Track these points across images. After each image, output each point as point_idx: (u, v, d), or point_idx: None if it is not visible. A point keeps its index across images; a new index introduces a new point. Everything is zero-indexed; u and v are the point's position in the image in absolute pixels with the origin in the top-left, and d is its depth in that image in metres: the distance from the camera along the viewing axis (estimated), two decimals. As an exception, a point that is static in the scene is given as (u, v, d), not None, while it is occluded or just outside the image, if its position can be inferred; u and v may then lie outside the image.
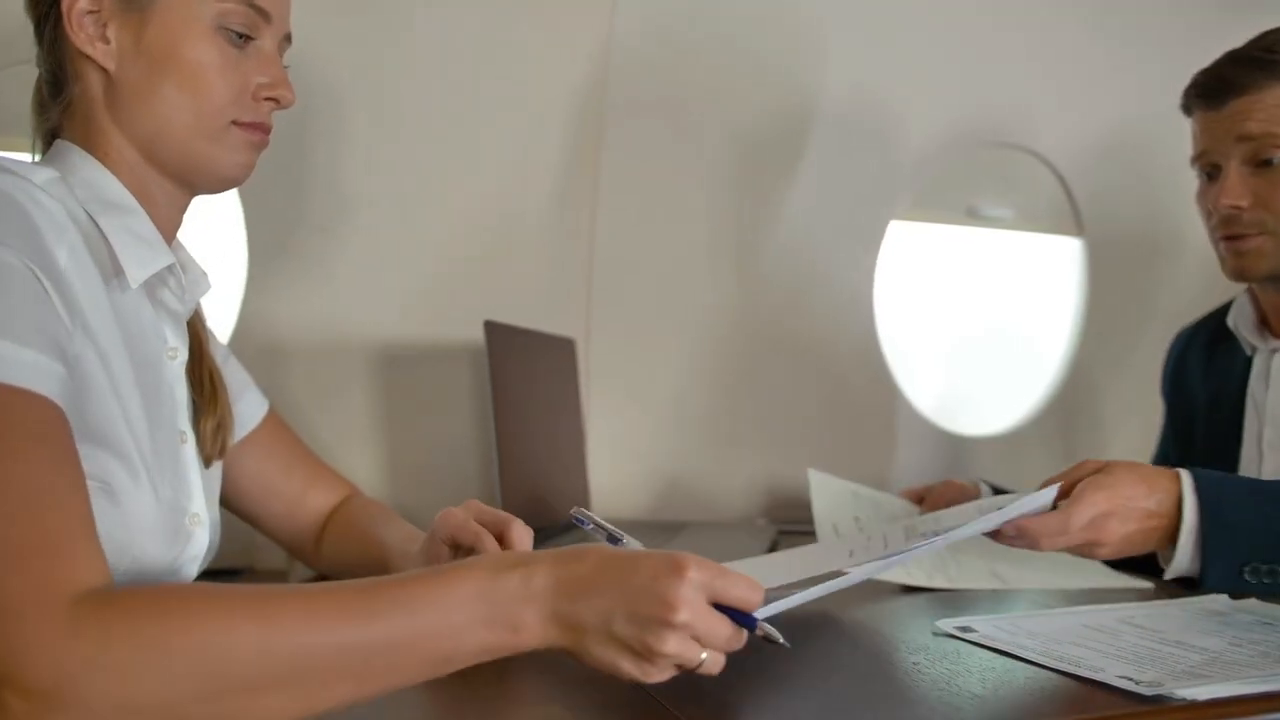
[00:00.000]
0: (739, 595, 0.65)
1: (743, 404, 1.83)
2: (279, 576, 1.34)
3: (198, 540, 0.86)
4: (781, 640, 0.68)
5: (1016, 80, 1.91)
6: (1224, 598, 1.03)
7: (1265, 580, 0.96)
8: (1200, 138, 1.27)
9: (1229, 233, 1.24)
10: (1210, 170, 1.27)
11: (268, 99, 0.88)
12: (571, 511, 0.87)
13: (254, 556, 1.38)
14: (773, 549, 1.43)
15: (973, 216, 2.08)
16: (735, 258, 1.80)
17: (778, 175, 1.79)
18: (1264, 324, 1.32)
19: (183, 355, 0.89)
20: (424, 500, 1.42)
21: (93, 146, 0.84)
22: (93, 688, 0.55)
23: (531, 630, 0.64)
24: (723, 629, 0.65)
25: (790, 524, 1.71)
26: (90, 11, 0.83)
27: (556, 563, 0.65)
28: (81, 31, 0.83)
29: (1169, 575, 1.01)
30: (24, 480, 0.61)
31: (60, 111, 0.86)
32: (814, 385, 1.86)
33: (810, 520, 1.30)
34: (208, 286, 0.94)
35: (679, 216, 1.76)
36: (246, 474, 1.06)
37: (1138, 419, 1.97)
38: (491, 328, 1.34)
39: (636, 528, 1.03)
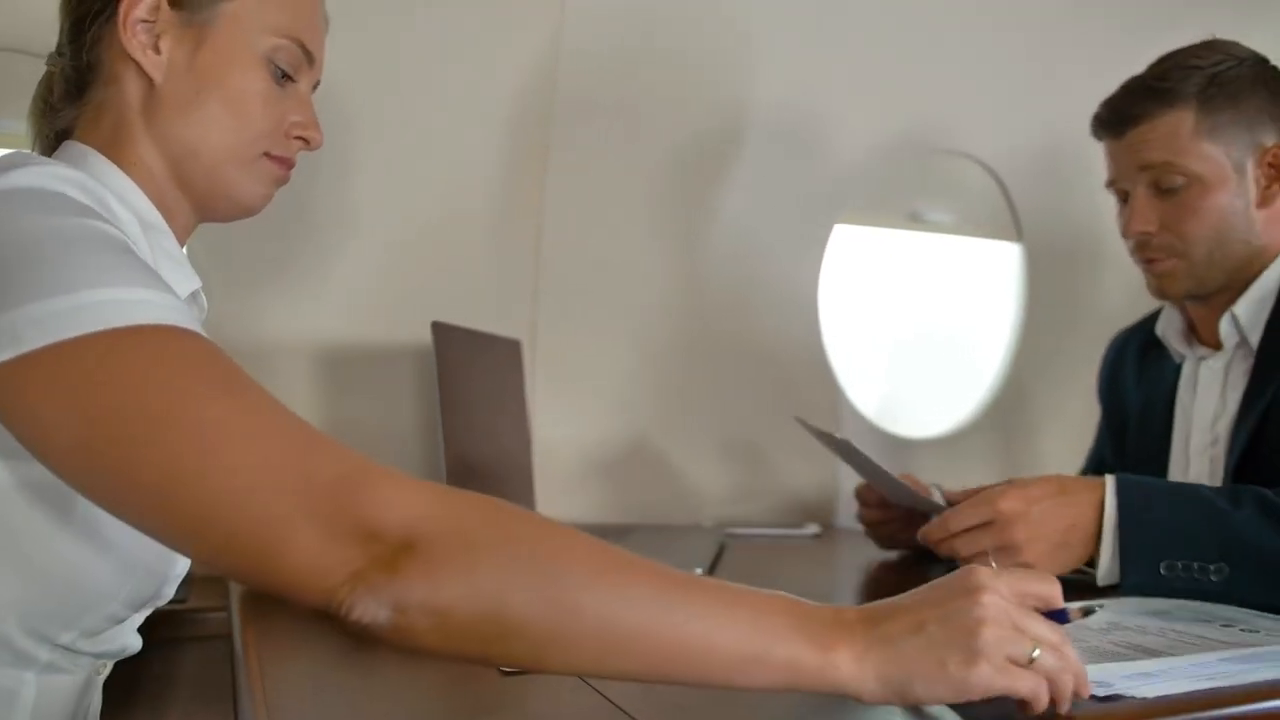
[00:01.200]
0: (1039, 590, 0.66)
1: (689, 406, 1.83)
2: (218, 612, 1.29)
3: (181, 562, 0.85)
4: (1099, 605, 0.70)
5: (957, 87, 1.94)
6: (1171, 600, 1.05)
7: (1181, 576, 0.98)
8: (1110, 165, 1.29)
9: (1143, 255, 1.27)
10: (1122, 195, 1.29)
11: (298, 138, 0.90)
12: None
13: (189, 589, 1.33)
14: (720, 551, 1.43)
15: (915, 221, 2.10)
16: (681, 261, 1.80)
17: (724, 179, 1.80)
18: (1192, 333, 1.35)
19: None
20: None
21: (117, 153, 0.83)
22: (441, 544, 0.58)
23: (845, 656, 0.61)
24: (1036, 616, 0.64)
25: (737, 525, 1.72)
26: (145, 20, 0.82)
27: (859, 606, 0.64)
28: (134, 39, 0.82)
29: (1100, 582, 1.04)
30: (259, 403, 0.60)
31: (77, 113, 0.84)
32: (759, 387, 1.87)
33: (759, 523, 1.31)
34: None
35: (625, 219, 1.75)
36: None
37: (1071, 423, 2.01)
38: (439, 329, 1.32)
39: (584, 531, 1.02)
